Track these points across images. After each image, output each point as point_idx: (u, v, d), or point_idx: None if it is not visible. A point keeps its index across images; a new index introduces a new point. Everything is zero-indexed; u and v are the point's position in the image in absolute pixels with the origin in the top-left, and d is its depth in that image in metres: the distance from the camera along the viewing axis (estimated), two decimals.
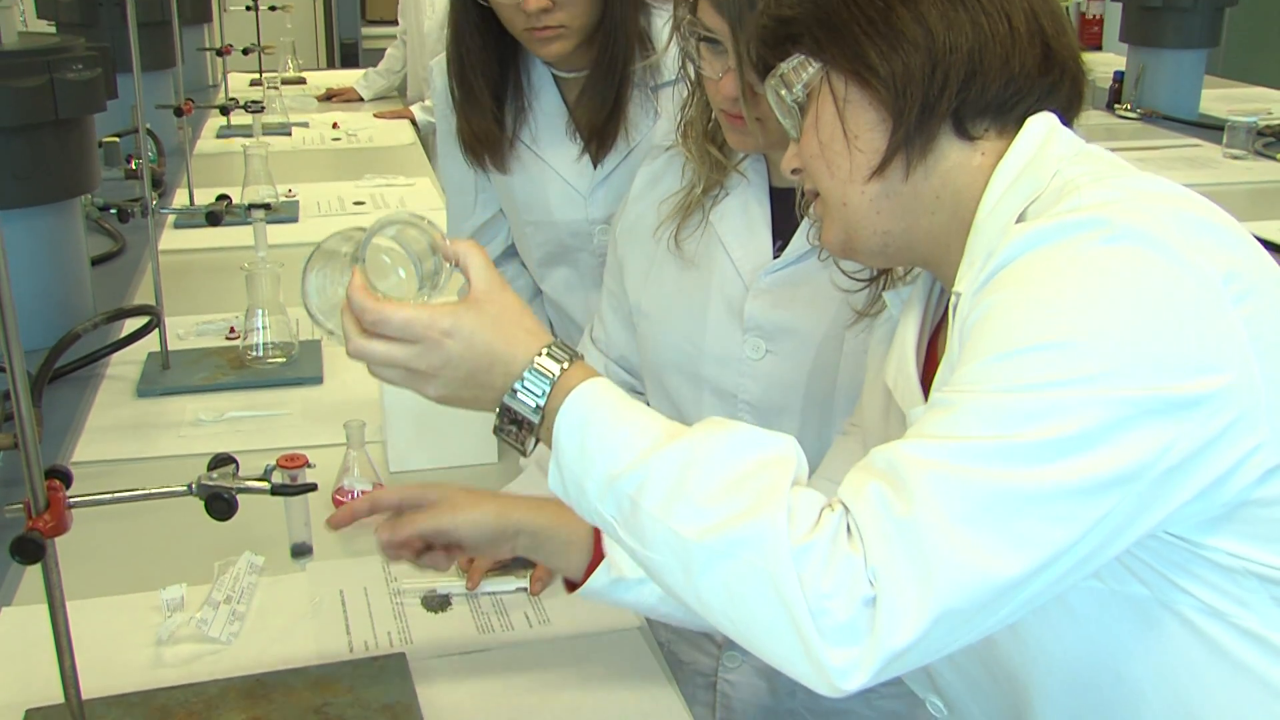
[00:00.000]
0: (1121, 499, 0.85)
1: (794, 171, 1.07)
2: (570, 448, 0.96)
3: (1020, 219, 0.96)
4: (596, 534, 1.25)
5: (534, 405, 0.99)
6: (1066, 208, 0.91)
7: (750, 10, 1.26)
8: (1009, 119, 1.00)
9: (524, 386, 0.99)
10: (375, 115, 4.38)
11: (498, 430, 1.02)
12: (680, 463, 0.90)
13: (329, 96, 4.75)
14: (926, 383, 1.07)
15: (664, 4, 1.72)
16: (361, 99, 4.72)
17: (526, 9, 1.60)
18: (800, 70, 1.03)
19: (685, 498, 0.89)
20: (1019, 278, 0.89)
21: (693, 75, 1.43)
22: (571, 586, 1.27)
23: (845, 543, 0.84)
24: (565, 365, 0.99)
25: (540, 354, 0.99)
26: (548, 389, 0.98)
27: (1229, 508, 0.91)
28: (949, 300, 1.05)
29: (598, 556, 1.24)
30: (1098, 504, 0.84)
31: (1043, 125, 1.00)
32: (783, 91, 1.04)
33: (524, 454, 1.02)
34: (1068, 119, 1.03)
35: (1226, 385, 0.86)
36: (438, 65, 1.84)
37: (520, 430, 1.00)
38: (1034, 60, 0.99)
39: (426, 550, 1.25)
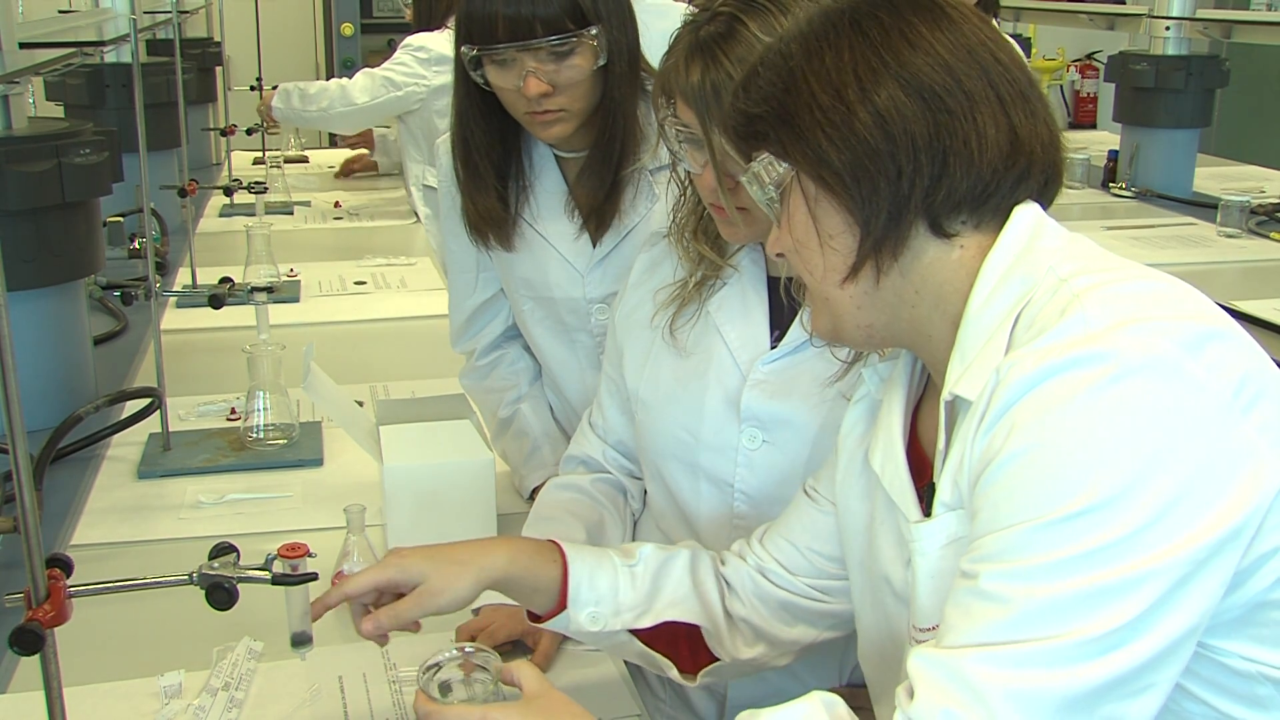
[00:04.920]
0: (1191, 644, 0.87)
1: (779, 255, 1.08)
2: None
3: (1017, 321, 0.96)
4: (563, 585, 1.28)
5: None
6: (1070, 332, 0.90)
7: (716, 104, 1.29)
8: (984, 211, 1.00)
9: None
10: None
11: None
12: None
13: (347, 173, 4.73)
14: (911, 459, 1.09)
15: None
16: (377, 166, 4.69)
17: (527, 94, 1.63)
18: (770, 169, 1.03)
19: None
20: (1035, 427, 0.88)
21: (683, 175, 1.45)
22: (532, 616, 1.32)
23: None
24: None
25: None
26: None
27: (1245, 609, 0.90)
28: (929, 377, 1.05)
29: (561, 605, 1.28)
30: (1173, 661, 0.86)
31: (1030, 218, 1.00)
32: (755, 188, 1.05)
33: None
34: (1044, 202, 1.03)
35: (1256, 500, 0.86)
36: (443, 144, 1.86)
37: None
38: (1001, 153, 0.98)
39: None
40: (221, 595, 1.11)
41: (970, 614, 0.88)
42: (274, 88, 4.04)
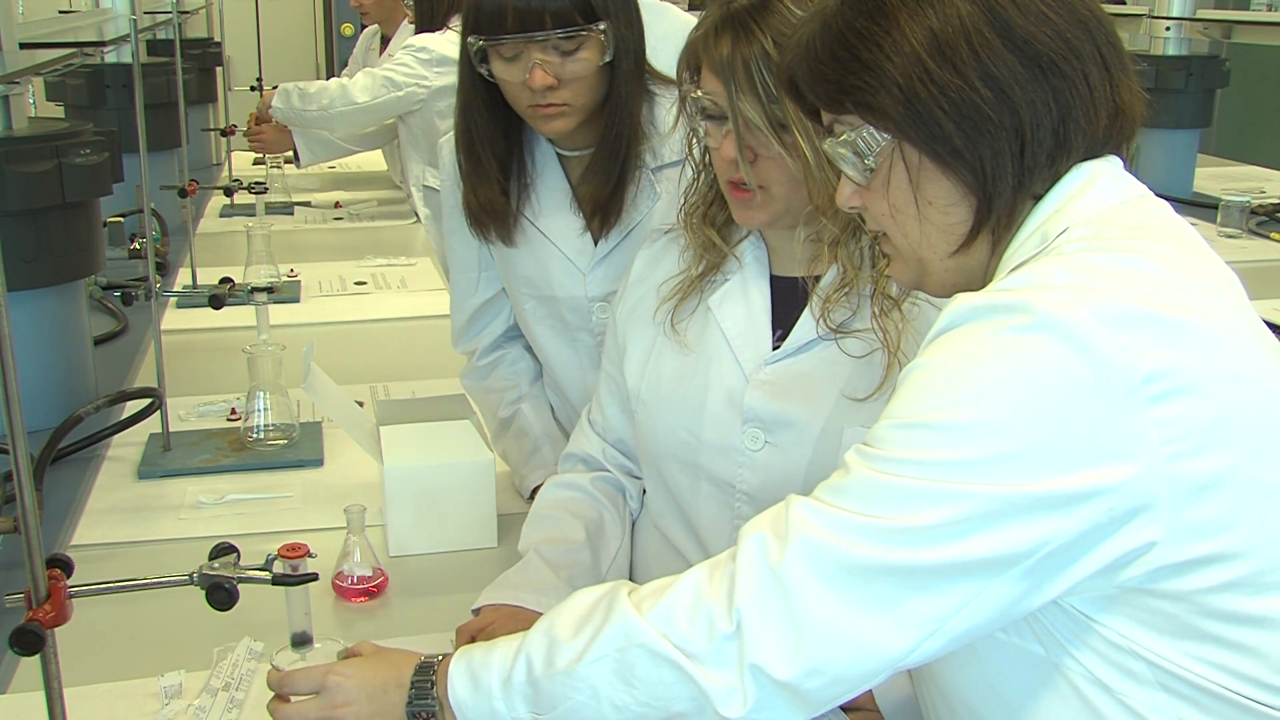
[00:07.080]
0: (999, 580, 0.90)
1: (852, 208, 1.08)
2: (465, 691, 1.07)
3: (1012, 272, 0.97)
4: None
5: (429, 697, 1.10)
6: (1010, 283, 0.93)
7: (745, 72, 1.30)
8: (1070, 168, 1.00)
9: (415, 684, 1.11)
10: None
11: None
12: (543, 630, 1.05)
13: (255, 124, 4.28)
14: None
15: (666, 90, 1.76)
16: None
17: (531, 86, 1.63)
18: (871, 140, 1.01)
19: (558, 647, 1.02)
20: (941, 349, 0.93)
21: (698, 156, 1.45)
22: None
23: (705, 592, 0.96)
24: (441, 657, 1.13)
25: (419, 662, 1.13)
26: (432, 677, 1.11)
27: (1119, 591, 0.92)
28: None
29: None
30: (969, 584, 0.90)
31: (1083, 175, 0.99)
32: (842, 150, 1.03)
33: None
34: (1124, 151, 1.02)
35: (1112, 484, 0.87)
36: (446, 143, 1.86)
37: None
38: (1110, 116, 0.99)
39: None
40: (222, 595, 1.11)
41: (829, 477, 0.97)
42: (274, 88, 4.03)
